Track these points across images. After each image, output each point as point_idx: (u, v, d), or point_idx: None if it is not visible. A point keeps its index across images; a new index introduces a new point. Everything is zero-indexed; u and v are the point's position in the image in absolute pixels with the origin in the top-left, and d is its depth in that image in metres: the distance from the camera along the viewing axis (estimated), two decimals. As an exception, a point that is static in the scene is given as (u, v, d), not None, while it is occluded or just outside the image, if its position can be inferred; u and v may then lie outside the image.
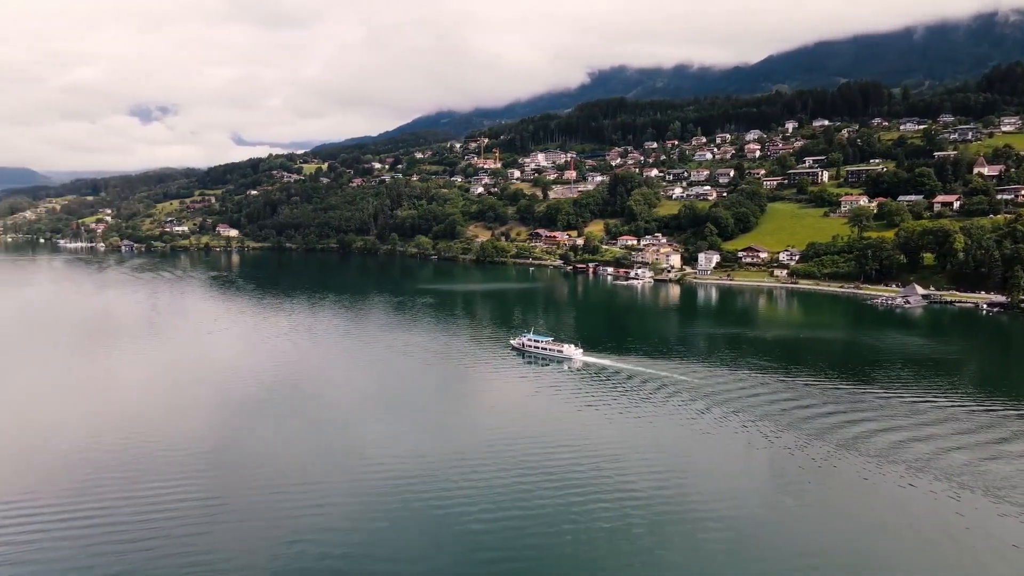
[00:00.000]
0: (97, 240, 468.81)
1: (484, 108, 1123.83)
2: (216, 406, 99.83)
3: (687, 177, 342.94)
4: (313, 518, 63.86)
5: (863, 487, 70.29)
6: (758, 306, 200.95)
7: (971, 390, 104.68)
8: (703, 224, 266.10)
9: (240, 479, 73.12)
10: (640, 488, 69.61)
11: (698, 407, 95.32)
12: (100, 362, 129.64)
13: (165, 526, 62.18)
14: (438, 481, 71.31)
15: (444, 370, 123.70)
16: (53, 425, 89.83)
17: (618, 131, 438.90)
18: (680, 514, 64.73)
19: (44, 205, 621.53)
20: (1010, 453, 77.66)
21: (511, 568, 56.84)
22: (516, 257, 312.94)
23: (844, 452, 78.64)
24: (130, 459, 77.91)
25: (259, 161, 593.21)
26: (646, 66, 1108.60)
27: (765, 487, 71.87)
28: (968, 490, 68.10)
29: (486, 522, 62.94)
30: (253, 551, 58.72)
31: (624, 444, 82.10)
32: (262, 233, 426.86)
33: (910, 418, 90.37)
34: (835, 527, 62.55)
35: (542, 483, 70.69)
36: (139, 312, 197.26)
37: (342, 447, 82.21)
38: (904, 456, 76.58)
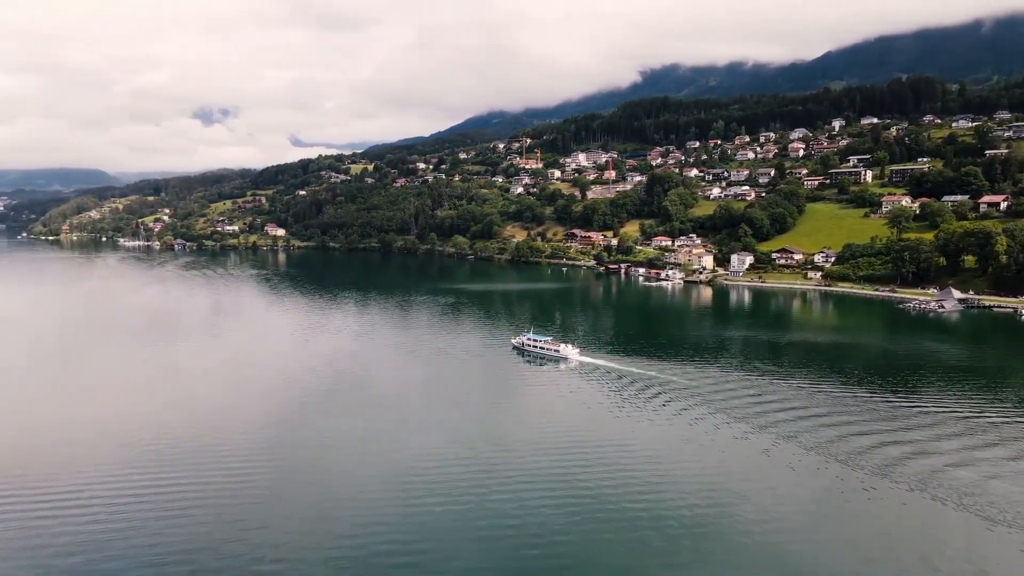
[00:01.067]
0: (153, 239, 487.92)
1: (535, 108, 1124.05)
2: (269, 401, 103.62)
3: (727, 177, 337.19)
4: (363, 514, 65.59)
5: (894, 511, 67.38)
6: (784, 309, 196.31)
7: (992, 398, 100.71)
8: (738, 225, 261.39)
9: (293, 472, 75.98)
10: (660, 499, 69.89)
11: (677, 407, 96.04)
12: (159, 356, 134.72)
13: (224, 514, 65.41)
14: (465, 480, 72.87)
15: (449, 368, 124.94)
16: (125, 416, 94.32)
17: (660, 130, 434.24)
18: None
19: (108, 205, 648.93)
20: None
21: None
22: (550, 257, 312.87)
23: (859, 468, 76.62)
24: (193, 450, 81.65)
25: (309, 162, 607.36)
26: (699, 64, 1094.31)
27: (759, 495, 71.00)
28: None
29: (532, 523, 63.72)
30: (308, 543, 60.46)
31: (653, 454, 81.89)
32: (307, 232, 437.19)
33: (923, 430, 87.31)
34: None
35: (562, 483, 71.96)
36: (184, 308, 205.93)
37: (386, 443, 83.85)
38: (911, 470, 74.29)
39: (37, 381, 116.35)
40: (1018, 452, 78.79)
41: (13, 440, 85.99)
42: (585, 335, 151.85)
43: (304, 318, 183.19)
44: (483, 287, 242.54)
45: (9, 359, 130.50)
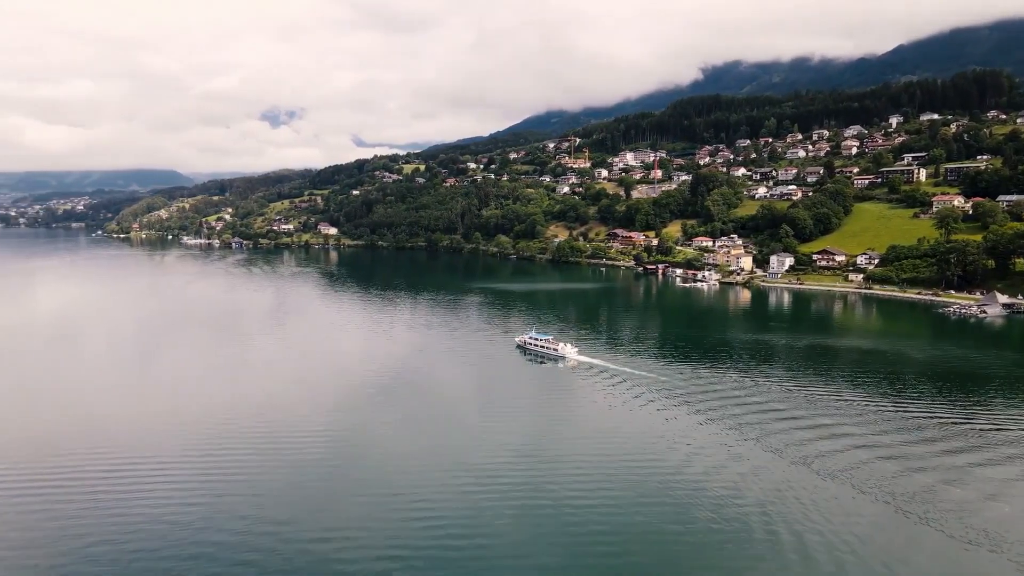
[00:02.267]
0: (214, 237, 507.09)
1: (593, 107, 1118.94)
2: (321, 392, 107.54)
3: (774, 176, 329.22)
4: (420, 513, 66.28)
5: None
6: (814, 311, 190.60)
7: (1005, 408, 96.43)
8: (779, 225, 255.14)
9: (349, 464, 78.36)
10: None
11: (655, 408, 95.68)
12: (221, 349, 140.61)
13: (288, 505, 67.64)
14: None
15: (455, 367, 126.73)
16: (196, 404, 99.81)
17: (711, 129, 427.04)
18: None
19: (177, 204, 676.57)
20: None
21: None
22: (591, 257, 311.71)
23: (853, 484, 75.37)
24: (258, 441, 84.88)
25: (364, 162, 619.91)
26: (762, 60, 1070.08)
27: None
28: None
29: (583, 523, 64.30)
30: (366, 538, 61.94)
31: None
32: (357, 231, 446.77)
33: (928, 443, 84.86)
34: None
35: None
36: (227, 302, 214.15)
37: (437, 440, 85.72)
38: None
39: (115, 370, 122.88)
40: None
41: (97, 424, 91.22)
42: (594, 335, 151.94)
43: (351, 314, 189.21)
44: (516, 286, 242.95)
45: (85, 351, 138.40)
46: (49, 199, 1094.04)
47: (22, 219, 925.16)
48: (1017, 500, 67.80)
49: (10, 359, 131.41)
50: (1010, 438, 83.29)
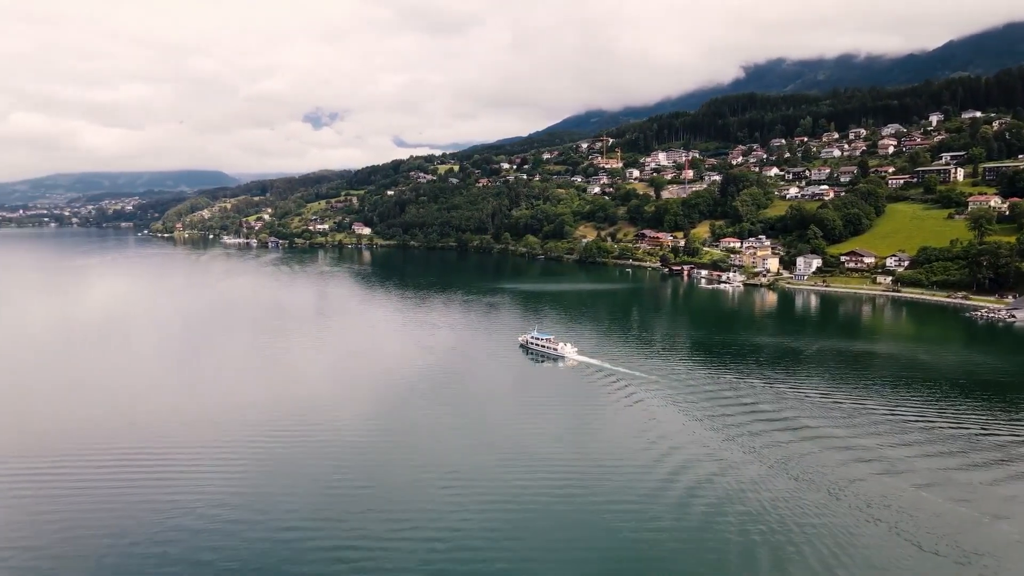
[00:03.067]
0: (252, 236, 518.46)
1: (633, 107, 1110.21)
2: (356, 392, 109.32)
3: (807, 176, 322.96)
4: (458, 514, 66.13)
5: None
6: (834, 314, 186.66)
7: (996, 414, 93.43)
8: (808, 226, 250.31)
9: (389, 465, 78.51)
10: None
11: (642, 408, 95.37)
12: (241, 348, 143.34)
13: (324, 503, 68.35)
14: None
15: (461, 365, 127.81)
16: (241, 404, 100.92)
17: (745, 128, 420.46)
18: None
19: (219, 204, 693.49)
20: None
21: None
22: (618, 258, 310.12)
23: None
24: (299, 439, 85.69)
25: (400, 163, 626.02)
26: (806, 58, 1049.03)
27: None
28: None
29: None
30: (403, 538, 61.65)
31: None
32: (390, 231, 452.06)
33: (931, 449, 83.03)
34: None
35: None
36: (256, 300, 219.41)
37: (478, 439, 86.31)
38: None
39: (153, 366, 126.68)
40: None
41: (140, 418, 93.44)
42: (600, 335, 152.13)
43: (374, 312, 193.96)
44: (535, 287, 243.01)
45: (121, 348, 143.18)
46: (102, 199, 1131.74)
47: (75, 219, 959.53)
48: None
49: (53, 355, 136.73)
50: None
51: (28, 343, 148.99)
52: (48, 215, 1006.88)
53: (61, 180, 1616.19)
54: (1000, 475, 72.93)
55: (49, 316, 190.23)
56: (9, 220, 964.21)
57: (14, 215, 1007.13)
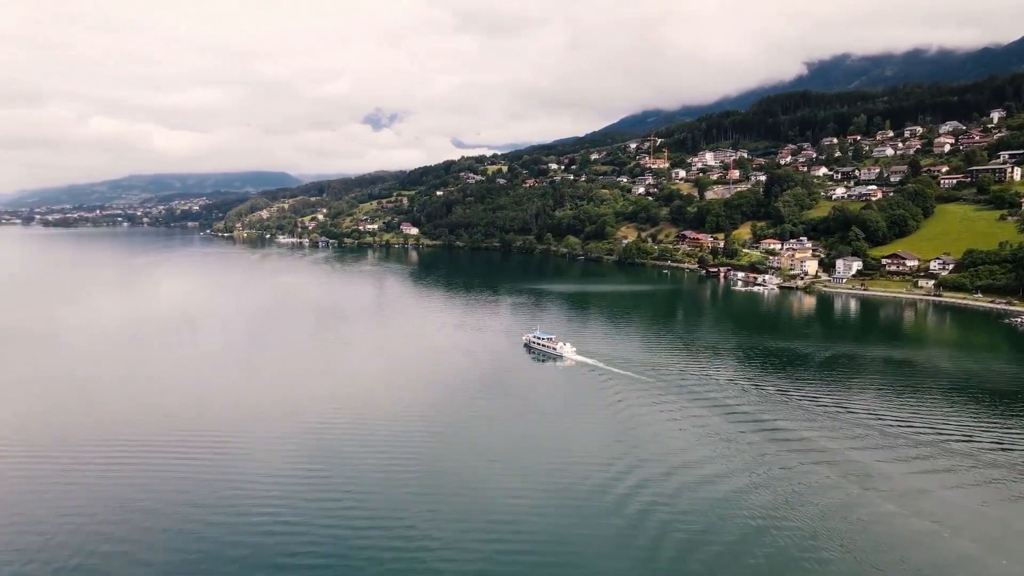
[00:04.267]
0: (304, 236, 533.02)
1: (691, 106, 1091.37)
2: (415, 392, 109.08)
3: (856, 176, 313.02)
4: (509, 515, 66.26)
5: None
6: (864, 319, 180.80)
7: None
8: (850, 227, 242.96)
9: (442, 463, 78.68)
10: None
11: (630, 409, 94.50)
12: (316, 345, 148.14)
13: (378, 501, 68.73)
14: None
15: (466, 362, 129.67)
16: (298, 400, 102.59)
17: (796, 127, 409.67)
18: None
19: (277, 205, 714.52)
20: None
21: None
22: (657, 259, 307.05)
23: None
24: (354, 436, 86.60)
25: (452, 163, 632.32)
26: (873, 53, 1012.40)
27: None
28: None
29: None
30: (455, 537, 61.84)
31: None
32: (436, 232, 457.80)
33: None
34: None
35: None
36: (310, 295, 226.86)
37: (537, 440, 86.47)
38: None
39: (208, 360, 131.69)
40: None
41: (202, 414, 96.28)
42: (605, 335, 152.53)
43: (406, 309, 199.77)
44: (567, 287, 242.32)
45: (168, 343, 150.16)
46: (172, 199, 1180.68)
47: (146, 218, 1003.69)
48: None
49: (117, 346, 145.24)
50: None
51: (99, 335, 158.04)
52: (122, 215, 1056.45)
53: (136, 181, 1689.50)
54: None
55: (114, 310, 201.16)
56: (86, 219, 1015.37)
57: (91, 215, 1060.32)
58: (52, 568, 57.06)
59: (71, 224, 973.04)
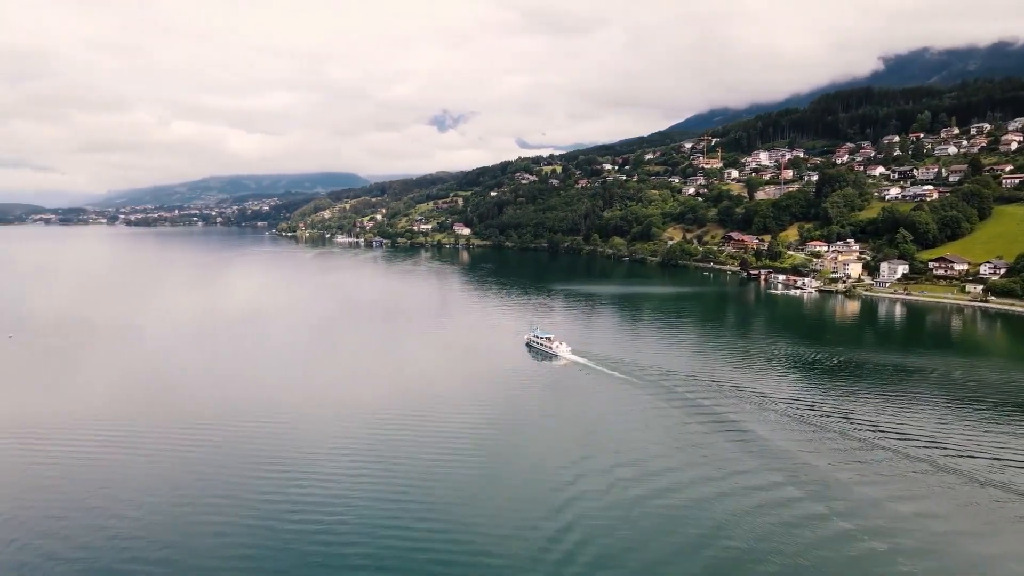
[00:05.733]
0: (361, 236, 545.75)
1: (760, 104, 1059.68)
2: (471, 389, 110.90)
3: (913, 175, 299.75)
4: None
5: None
6: (897, 324, 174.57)
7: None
8: (898, 229, 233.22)
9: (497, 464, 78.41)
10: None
11: (618, 409, 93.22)
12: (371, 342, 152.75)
13: (440, 497, 68.95)
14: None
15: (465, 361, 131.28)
16: (361, 398, 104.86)
17: (856, 124, 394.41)
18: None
19: (340, 205, 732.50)
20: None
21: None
22: (701, 260, 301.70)
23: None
24: (414, 434, 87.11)
25: (508, 164, 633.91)
26: (955, 46, 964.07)
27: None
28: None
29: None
30: (519, 535, 61.68)
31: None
32: (487, 232, 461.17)
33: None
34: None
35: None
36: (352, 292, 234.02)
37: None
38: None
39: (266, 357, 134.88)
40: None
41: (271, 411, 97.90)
42: (608, 336, 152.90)
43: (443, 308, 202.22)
44: (603, 289, 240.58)
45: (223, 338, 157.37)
46: (246, 200, 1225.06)
47: (219, 218, 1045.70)
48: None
49: (181, 340, 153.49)
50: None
51: (161, 329, 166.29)
52: (198, 215, 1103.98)
53: (214, 182, 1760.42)
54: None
55: (175, 305, 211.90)
56: (165, 219, 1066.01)
57: (170, 214, 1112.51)
58: (130, 552, 59.01)
59: (151, 223, 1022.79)
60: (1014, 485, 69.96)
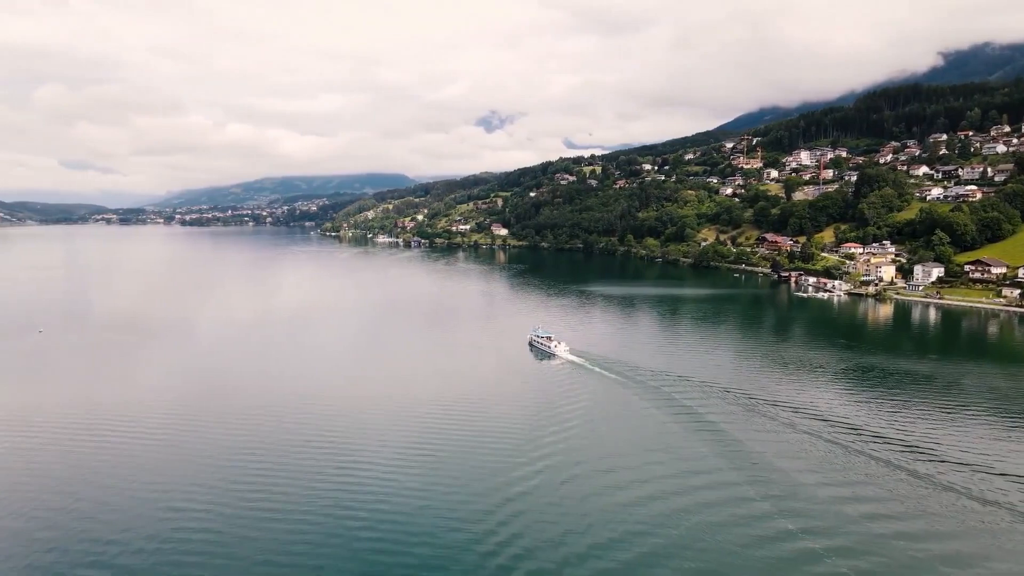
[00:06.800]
0: (400, 236, 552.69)
1: (812, 102, 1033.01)
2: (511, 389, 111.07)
3: (958, 175, 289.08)
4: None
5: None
6: (923, 329, 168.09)
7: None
8: (935, 231, 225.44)
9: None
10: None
11: (606, 409, 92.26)
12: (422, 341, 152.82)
13: (495, 495, 68.45)
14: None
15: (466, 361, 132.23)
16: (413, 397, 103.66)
17: (901, 123, 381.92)
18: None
19: (383, 206, 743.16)
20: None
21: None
22: (733, 262, 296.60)
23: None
24: (463, 434, 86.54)
25: (548, 165, 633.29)
26: (1018, 41, 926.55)
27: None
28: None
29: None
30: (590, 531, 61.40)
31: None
32: (523, 232, 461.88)
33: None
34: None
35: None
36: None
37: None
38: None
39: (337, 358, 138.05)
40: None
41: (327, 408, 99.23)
42: (609, 338, 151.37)
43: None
44: (626, 290, 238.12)
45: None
46: (296, 200, 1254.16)
47: (269, 218, 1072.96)
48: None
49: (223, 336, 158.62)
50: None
51: (196, 326, 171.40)
52: (249, 215, 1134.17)
53: (267, 183, 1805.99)
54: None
55: (209, 301, 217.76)
56: (218, 219, 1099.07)
57: (223, 214, 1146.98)
58: (187, 543, 60.19)
59: (204, 223, 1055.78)
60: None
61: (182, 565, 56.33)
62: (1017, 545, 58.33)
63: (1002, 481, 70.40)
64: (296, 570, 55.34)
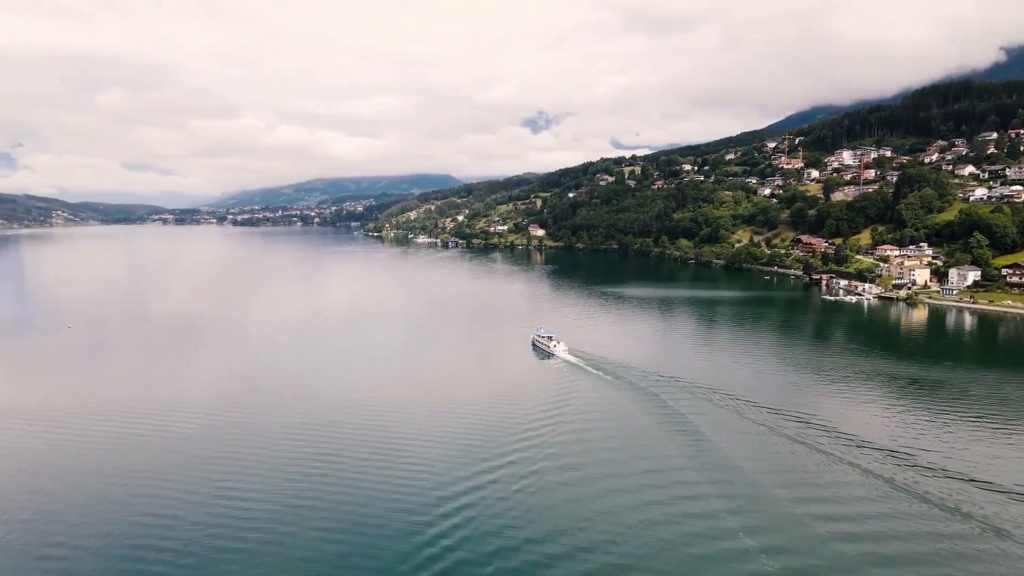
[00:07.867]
0: (439, 236, 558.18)
1: (867, 100, 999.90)
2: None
3: (1004, 175, 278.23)
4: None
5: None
6: (955, 335, 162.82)
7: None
8: (972, 233, 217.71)
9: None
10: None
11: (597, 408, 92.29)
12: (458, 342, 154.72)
13: (524, 497, 68.67)
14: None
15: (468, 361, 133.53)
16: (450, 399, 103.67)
17: (950, 121, 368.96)
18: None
19: (425, 206, 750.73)
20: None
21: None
22: (766, 264, 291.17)
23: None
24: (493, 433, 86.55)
25: (589, 165, 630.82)
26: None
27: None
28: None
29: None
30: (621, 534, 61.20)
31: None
32: (560, 233, 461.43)
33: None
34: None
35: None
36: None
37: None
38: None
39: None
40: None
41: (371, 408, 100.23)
42: (610, 338, 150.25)
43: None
44: (651, 291, 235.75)
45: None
46: (344, 201, 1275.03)
47: (317, 219, 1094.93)
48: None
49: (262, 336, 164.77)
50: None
51: (234, 325, 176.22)
52: (298, 215, 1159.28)
53: (318, 184, 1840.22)
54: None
55: (254, 301, 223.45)
56: (268, 219, 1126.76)
57: (273, 215, 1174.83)
58: (237, 530, 62.59)
59: (255, 223, 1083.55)
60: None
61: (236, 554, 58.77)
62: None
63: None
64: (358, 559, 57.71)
